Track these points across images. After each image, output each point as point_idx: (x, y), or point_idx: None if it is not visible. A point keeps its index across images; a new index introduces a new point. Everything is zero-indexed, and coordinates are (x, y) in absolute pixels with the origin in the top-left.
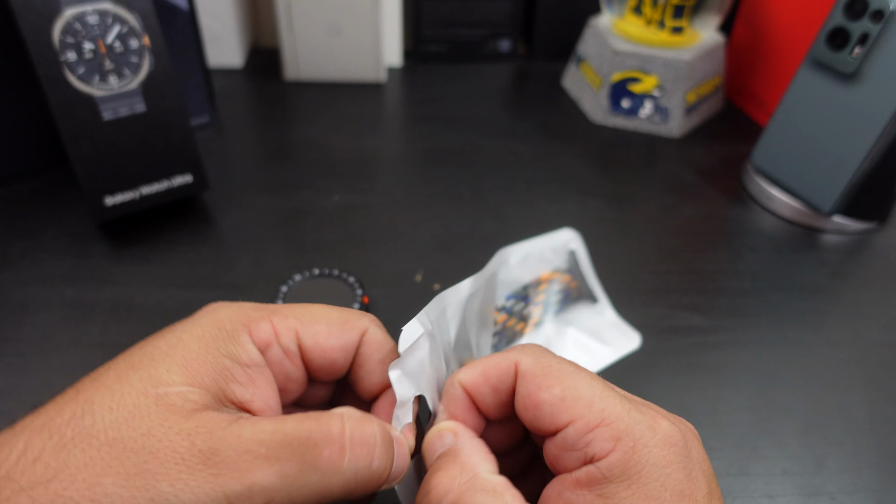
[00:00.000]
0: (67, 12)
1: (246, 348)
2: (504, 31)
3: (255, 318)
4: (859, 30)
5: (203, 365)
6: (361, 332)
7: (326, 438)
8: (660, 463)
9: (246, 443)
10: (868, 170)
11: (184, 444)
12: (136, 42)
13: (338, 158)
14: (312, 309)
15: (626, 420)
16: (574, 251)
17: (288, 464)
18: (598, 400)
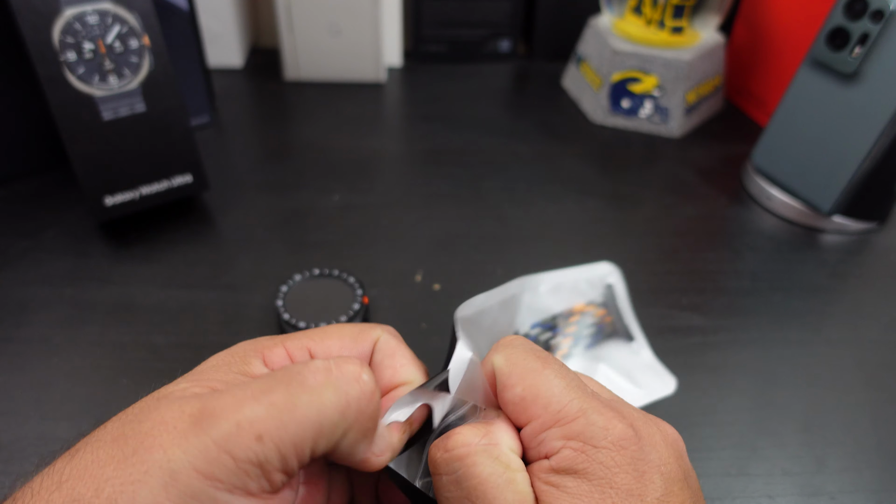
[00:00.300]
0: (67, 12)
1: (257, 366)
2: (504, 31)
3: (269, 346)
4: (859, 30)
5: (213, 376)
6: (374, 342)
7: (309, 367)
8: (607, 463)
9: (237, 390)
10: (868, 170)
11: (174, 414)
12: (135, 42)
13: (338, 158)
14: (326, 328)
15: (581, 421)
16: (612, 285)
17: (275, 392)
18: (555, 401)
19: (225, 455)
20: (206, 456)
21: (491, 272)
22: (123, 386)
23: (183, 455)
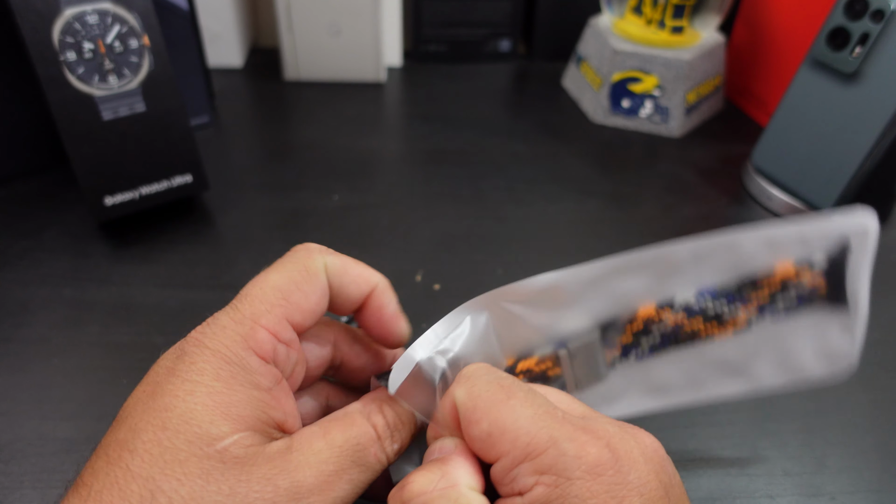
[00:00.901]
0: (67, 12)
1: (262, 372)
2: (504, 31)
3: (252, 335)
4: (860, 30)
5: (239, 405)
6: (324, 271)
7: (370, 440)
8: (582, 496)
9: (316, 466)
10: (868, 169)
11: (269, 489)
12: (135, 42)
13: (338, 158)
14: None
15: (552, 453)
16: (849, 246)
17: (352, 470)
18: (523, 433)
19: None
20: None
21: (491, 272)
22: (123, 386)
23: None
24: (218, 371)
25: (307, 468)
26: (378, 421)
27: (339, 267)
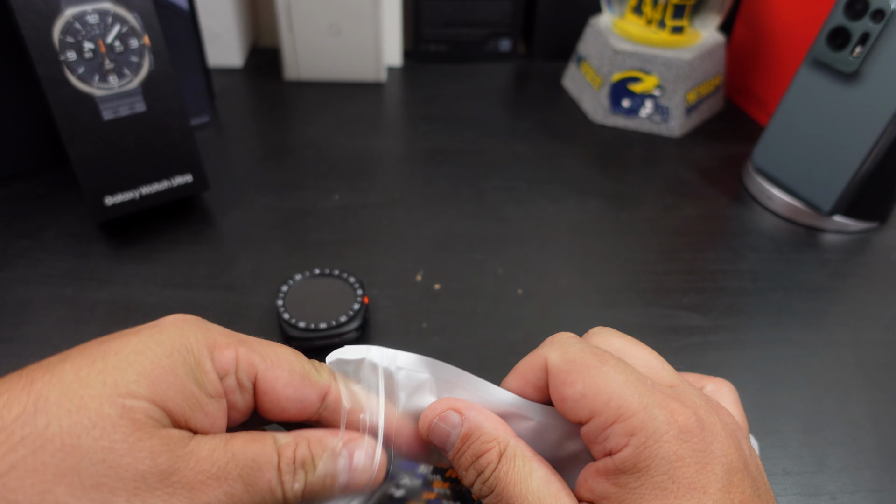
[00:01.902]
0: (67, 12)
1: (211, 378)
2: (504, 31)
3: (221, 344)
4: (860, 29)
5: (172, 387)
6: (321, 391)
7: (268, 463)
8: (669, 457)
9: (201, 462)
10: (868, 169)
11: (146, 461)
12: (136, 42)
13: (338, 158)
14: (279, 350)
15: (642, 416)
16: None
17: (235, 484)
18: (616, 396)
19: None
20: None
21: (491, 272)
22: None
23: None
24: (174, 352)
25: (192, 461)
26: (287, 451)
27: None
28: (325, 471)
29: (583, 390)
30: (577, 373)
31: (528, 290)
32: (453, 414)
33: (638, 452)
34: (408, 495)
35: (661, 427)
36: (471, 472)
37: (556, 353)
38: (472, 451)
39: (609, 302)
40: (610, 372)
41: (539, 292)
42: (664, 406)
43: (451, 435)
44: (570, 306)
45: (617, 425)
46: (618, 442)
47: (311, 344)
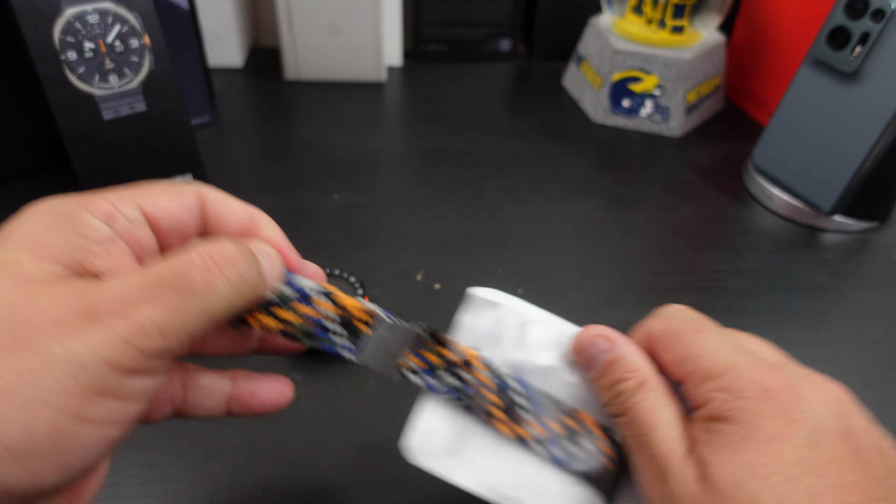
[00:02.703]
0: (68, 12)
1: (92, 224)
2: (504, 31)
3: (90, 199)
4: (860, 29)
5: (51, 244)
6: (196, 194)
7: (192, 266)
8: (751, 410)
9: (120, 292)
10: (868, 169)
11: (58, 307)
12: (136, 41)
13: (338, 158)
14: (145, 185)
15: (728, 376)
16: None
17: (168, 296)
18: (706, 359)
19: (133, 349)
20: (114, 349)
21: (491, 271)
22: None
23: (87, 348)
24: (39, 219)
25: (108, 292)
26: (211, 249)
27: (216, 195)
28: (251, 259)
29: (679, 356)
30: (674, 340)
31: (528, 290)
32: (602, 341)
33: (721, 405)
34: (279, 301)
35: (745, 385)
36: (609, 393)
37: (659, 323)
38: (613, 376)
39: (609, 302)
40: (704, 338)
41: (539, 292)
42: (751, 368)
43: (597, 358)
44: (570, 306)
45: (707, 383)
46: (706, 397)
47: None
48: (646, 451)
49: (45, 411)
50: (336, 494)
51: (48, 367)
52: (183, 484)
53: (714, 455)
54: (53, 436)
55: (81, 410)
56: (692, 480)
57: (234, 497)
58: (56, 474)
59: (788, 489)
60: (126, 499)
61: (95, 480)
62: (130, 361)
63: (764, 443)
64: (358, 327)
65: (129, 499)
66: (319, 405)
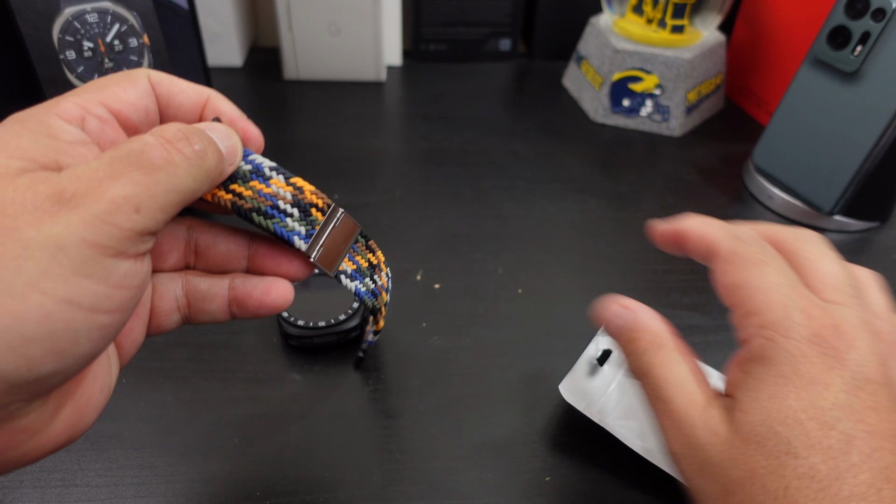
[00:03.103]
0: (67, 11)
1: (63, 128)
2: (504, 31)
3: (57, 104)
4: (860, 28)
5: (21, 143)
6: (147, 77)
7: (147, 145)
8: (794, 353)
9: (84, 174)
10: (869, 169)
11: (28, 195)
12: (135, 41)
13: (337, 158)
14: (96, 81)
15: (778, 314)
16: None
17: (132, 173)
18: (760, 292)
19: (110, 227)
20: (91, 228)
21: (491, 271)
22: (123, 384)
23: (65, 229)
24: (8, 126)
25: (74, 176)
26: (165, 130)
27: (164, 77)
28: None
29: (734, 282)
30: (736, 265)
31: (528, 289)
32: (620, 308)
33: (765, 343)
34: (238, 177)
35: (793, 326)
36: (627, 356)
37: (727, 242)
38: (629, 337)
39: None
40: (766, 271)
41: (539, 292)
42: (805, 311)
43: (616, 325)
44: (570, 306)
45: (754, 317)
46: (750, 332)
47: (310, 342)
48: (664, 406)
49: (32, 294)
50: (336, 494)
51: (27, 252)
52: (183, 484)
53: (749, 399)
54: (42, 320)
55: (68, 294)
56: (718, 428)
57: (234, 497)
58: (50, 360)
59: (823, 434)
60: (126, 499)
61: (101, 392)
62: (110, 240)
63: (803, 387)
64: (311, 212)
65: (129, 499)
66: (319, 405)
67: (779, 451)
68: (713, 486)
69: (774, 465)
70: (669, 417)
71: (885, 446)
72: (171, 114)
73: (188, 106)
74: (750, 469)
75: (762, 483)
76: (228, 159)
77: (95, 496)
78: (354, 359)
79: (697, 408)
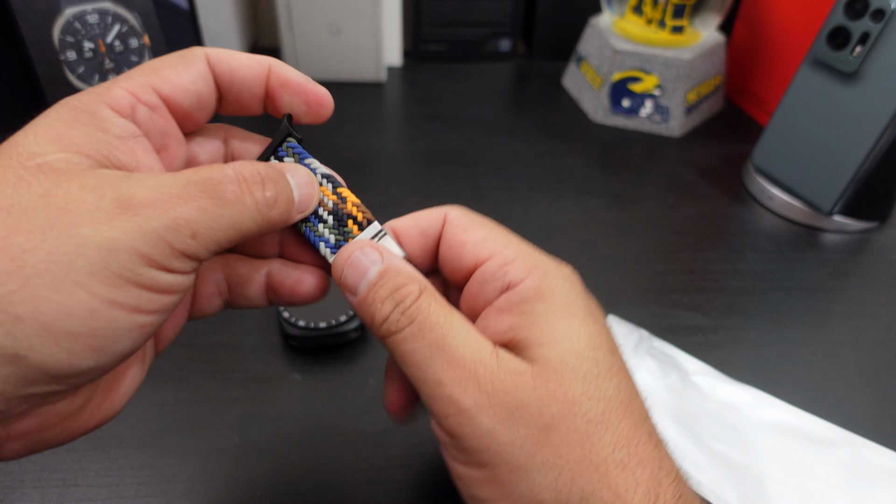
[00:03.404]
0: (67, 11)
1: (114, 121)
2: (504, 31)
3: (108, 92)
4: (860, 29)
5: (76, 137)
6: (204, 58)
7: (225, 177)
8: (567, 288)
9: (155, 187)
10: (868, 169)
11: (91, 195)
12: (136, 41)
13: (338, 158)
14: (148, 64)
15: (538, 258)
16: None
17: (201, 199)
18: (514, 242)
19: (164, 243)
20: (146, 240)
21: None
22: None
23: (120, 234)
24: (61, 114)
25: (143, 187)
26: (245, 169)
27: (223, 53)
28: (285, 183)
29: (484, 235)
30: (479, 223)
31: None
32: (373, 251)
33: (540, 282)
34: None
35: (553, 268)
36: (388, 302)
37: (458, 210)
38: (391, 284)
39: (609, 302)
40: (503, 229)
41: None
42: (551, 260)
43: (369, 269)
44: None
45: (517, 262)
46: (518, 275)
47: (310, 343)
48: (448, 355)
49: (78, 292)
50: (336, 494)
51: (80, 249)
52: (183, 484)
53: (544, 333)
54: (86, 317)
55: (113, 295)
56: (520, 367)
57: (234, 497)
58: (91, 356)
59: (613, 358)
60: (126, 499)
61: (132, 379)
62: (160, 256)
63: (587, 316)
64: (347, 223)
65: (130, 499)
66: (319, 405)
67: (591, 376)
68: (526, 430)
69: (591, 390)
70: (459, 367)
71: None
72: (235, 90)
73: (252, 79)
74: (569, 400)
75: (583, 411)
76: (300, 207)
77: (96, 496)
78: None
79: (490, 352)
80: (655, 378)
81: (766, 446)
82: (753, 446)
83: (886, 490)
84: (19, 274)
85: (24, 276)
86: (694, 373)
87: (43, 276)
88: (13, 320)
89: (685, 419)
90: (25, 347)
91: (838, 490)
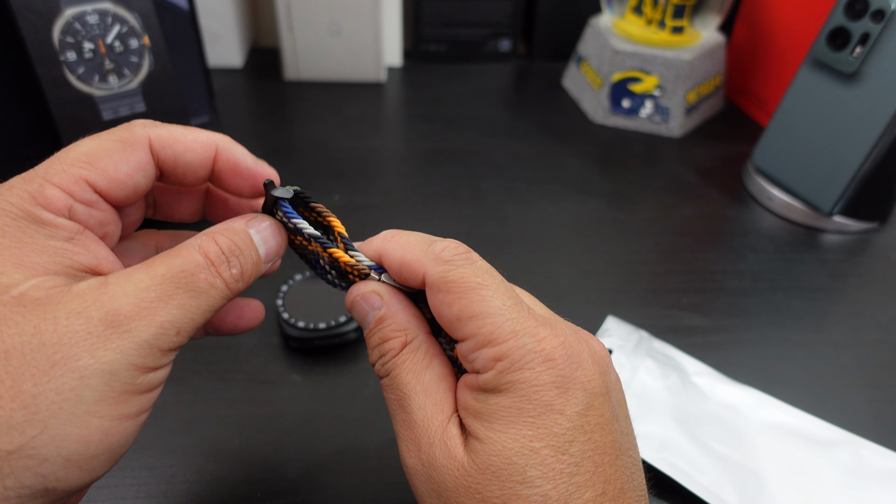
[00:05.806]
0: (67, 12)
1: (57, 223)
2: (504, 31)
3: (41, 192)
4: (860, 29)
5: (32, 254)
6: (145, 141)
7: (196, 267)
8: (530, 382)
9: (135, 293)
10: (868, 170)
11: (79, 321)
12: (136, 42)
13: (338, 159)
14: (84, 149)
15: (511, 343)
16: None
17: (179, 297)
18: (489, 322)
19: (155, 349)
20: (140, 352)
21: None
22: None
23: (117, 355)
24: (5, 229)
25: (124, 297)
26: (210, 248)
27: (167, 137)
28: (249, 248)
29: (458, 313)
30: (455, 293)
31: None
32: (375, 297)
33: (500, 376)
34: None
35: (527, 355)
36: (375, 352)
37: (437, 270)
38: (381, 334)
39: (609, 302)
40: (488, 296)
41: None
42: (534, 334)
43: (368, 315)
44: (570, 306)
45: (486, 349)
46: (484, 364)
47: (310, 344)
48: (406, 415)
49: (93, 420)
50: (335, 495)
51: (85, 381)
52: (183, 485)
53: (485, 429)
54: (102, 439)
55: (120, 410)
56: (455, 452)
57: (234, 497)
58: (108, 465)
59: (556, 460)
60: (126, 499)
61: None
62: (153, 361)
63: (540, 415)
64: (348, 278)
65: (129, 499)
66: (319, 406)
67: (513, 482)
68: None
69: (508, 495)
70: (409, 429)
71: (605, 460)
72: (179, 173)
73: (197, 164)
74: (483, 499)
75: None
76: (267, 259)
77: (96, 497)
78: None
79: (438, 425)
80: (655, 379)
81: (766, 447)
82: (753, 447)
83: (886, 490)
84: (36, 420)
85: (41, 421)
86: (694, 373)
87: (58, 415)
88: (39, 463)
89: (685, 420)
90: (53, 481)
91: (838, 490)
